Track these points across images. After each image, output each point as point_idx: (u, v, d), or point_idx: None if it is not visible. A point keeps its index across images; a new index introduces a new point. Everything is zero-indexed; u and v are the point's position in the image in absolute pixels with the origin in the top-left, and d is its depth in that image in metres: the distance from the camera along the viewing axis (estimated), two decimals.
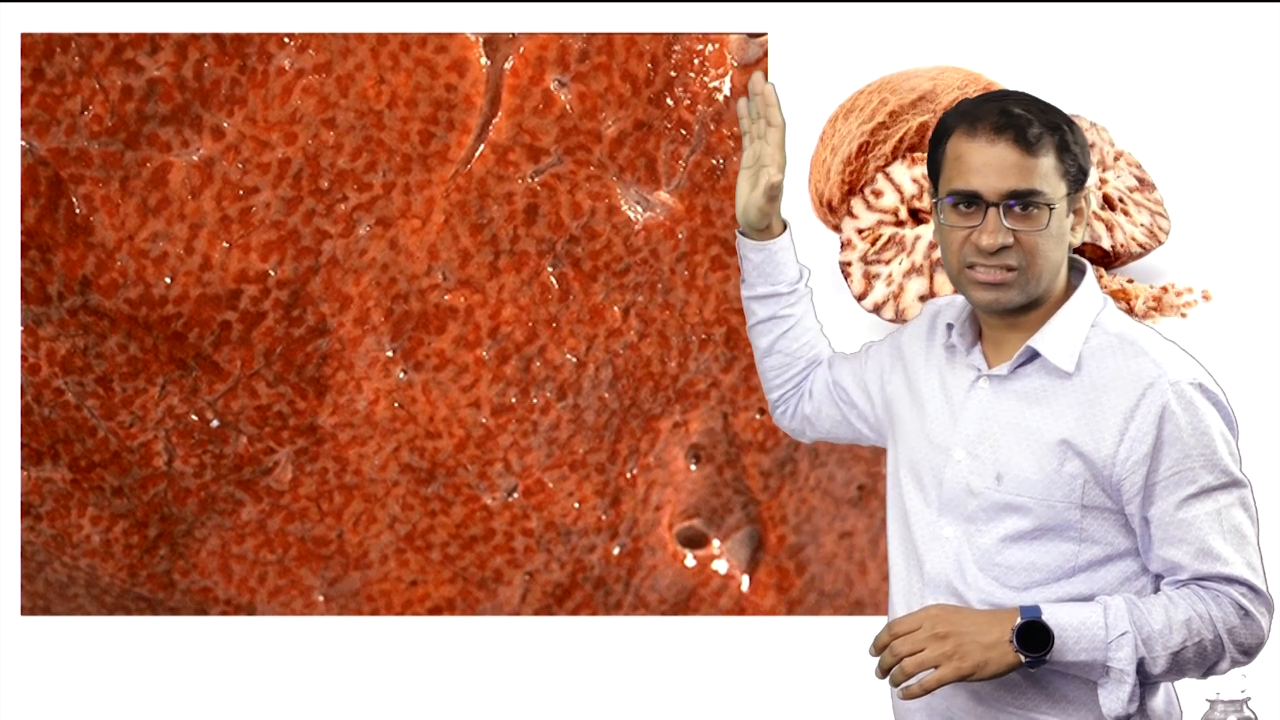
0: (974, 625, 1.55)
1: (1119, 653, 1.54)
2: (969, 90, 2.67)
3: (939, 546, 1.63)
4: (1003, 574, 1.60)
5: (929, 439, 1.65)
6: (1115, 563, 1.60)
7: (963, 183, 1.59)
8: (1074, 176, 1.60)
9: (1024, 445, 1.60)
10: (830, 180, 2.70)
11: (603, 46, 2.10)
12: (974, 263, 1.60)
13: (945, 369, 1.68)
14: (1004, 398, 1.62)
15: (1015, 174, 1.58)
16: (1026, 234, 1.58)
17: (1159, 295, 2.65)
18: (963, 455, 1.62)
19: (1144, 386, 1.57)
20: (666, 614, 2.28)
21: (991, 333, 1.65)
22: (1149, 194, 2.79)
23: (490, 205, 2.12)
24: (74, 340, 2.10)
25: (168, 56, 2.04)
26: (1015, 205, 1.58)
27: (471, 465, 2.18)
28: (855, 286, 2.60)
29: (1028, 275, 1.59)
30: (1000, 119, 1.59)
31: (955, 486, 1.62)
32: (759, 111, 1.77)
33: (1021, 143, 1.58)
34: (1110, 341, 1.61)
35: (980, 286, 1.60)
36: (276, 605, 2.22)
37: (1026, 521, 1.59)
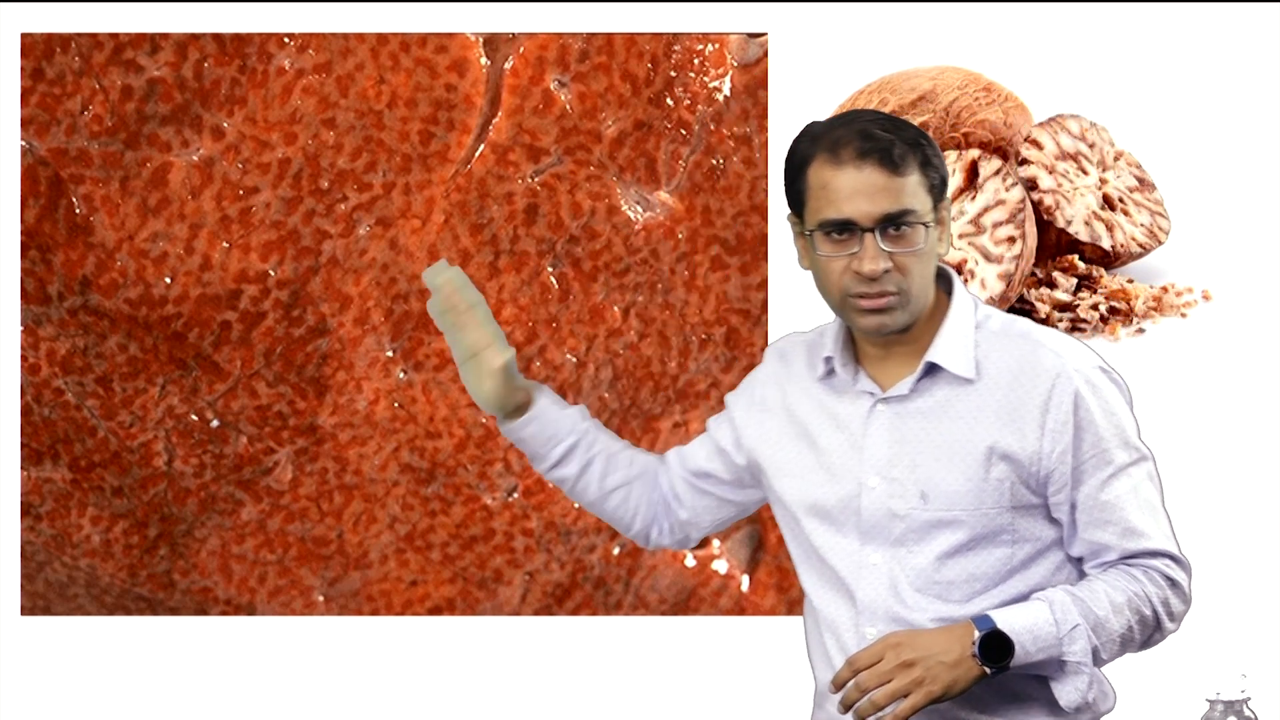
0: (935, 647, 1.55)
1: (1074, 645, 1.55)
2: (969, 90, 2.67)
3: (869, 575, 1.62)
4: (944, 590, 1.59)
5: (831, 473, 1.63)
6: (1045, 556, 1.62)
7: (834, 211, 1.57)
8: (937, 189, 1.60)
9: (945, 460, 1.59)
10: None
11: (603, 46, 2.10)
12: (857, 291, 1.58)
13: (831, 402, 1.66)
14: (909, 417, 1.61)
15: (886, 197, 1.56)
16: (903, 255, 1.57)
17: (1159, 295, 2.65)
18: (877, 481, 1.61)
19: (1052, 377, 1.58)
20: (666, 614, 2.28)
21: (875, 351, 1.64)
22: (1149, 194, 2.79)
23: (490, 205, 2.12)
24: (74, 340, 2.10)
25: (168, 56, 2.04)
26: (890, 228, 1.57)
27: (471, 465, 2.18)
28: None
29: (909, 295, 1.58)
30: (863, 143, 1.57)
31: (876, 513, 1.61)
32: (446, 304, 1.70)
33: (888, 164, 1.56)
34: (999, 340, 1.61)
35: (865, 314, 1.59)
36: (276, 605, 2.22)
37: (960, 534, 1.59)
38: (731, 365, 2.20)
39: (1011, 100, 2.71)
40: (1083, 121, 2.78)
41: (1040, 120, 2.75)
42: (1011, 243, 2.53)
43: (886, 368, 1.63)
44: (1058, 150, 2.71)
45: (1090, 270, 2.66)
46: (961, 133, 2.65)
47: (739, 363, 2.20)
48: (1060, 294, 2.61)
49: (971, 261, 2.53)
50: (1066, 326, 2.58)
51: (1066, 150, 2.72)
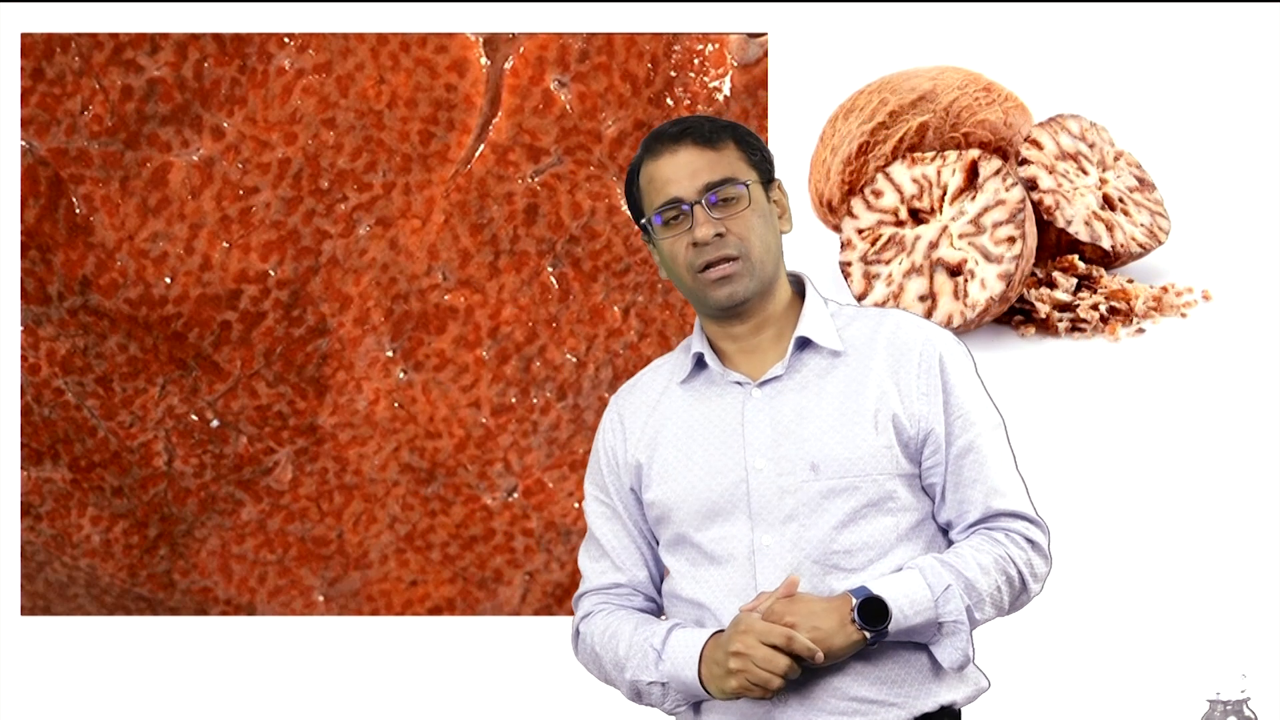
0: (812, 612, 1.59)
1: (948, 606, 1.60)
2: (969, 90, 2.67)
3: (762, 557, 1.64)
4: (841, 558, 1.62)
5: (708, 466, 1.66)
6: (923, 527, 1.66)
7: (661, 196, 1.65)
8: (761, 167, 1.67)
9: (833, 429, 1.64)
10: (830, 180, 2.70)
11: (603, 46, 2.10)
12: (702, 263, 1.64)
13: (700, 403, 1.69)
14: (786, 396, 1.66)
15: (705, 168, 1.64)
16: (733, 219, 1.64)
17: (1159, 295, 2.65)
18: (763, 463, 1.64)
19: (919, 344, 1.66)
20: None
21: (738, 345, 1.68)
22: (1149, 194, 2.79)
23: (490, 205, 2.12)
24: (74, 340, 2.10)
25: (168, 56, 2.04)
26: (714, 197, 1.63)
27: (471, 465, 2.18)
28: (855, 286, 2.60)
29: (750, 260, 1.64)
30: (674, 129, 1.66)
31: (766, 494, 1.64)
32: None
33: (700, 140, 1.65)
34: (855, 319, 1.69)
35: (714, 285, 1.64)
36: (276, 605, 2.22)
37: (853, 501, 1.62)
38: None
39: (1011, 100, 2.71)
40: (1083, 121, 2.78)
41: (1040, 120, 2.75)
42: (1011, 243, 2.53)
43: (753, 358, 1.69)
44: (1058, 150, 2.71)
45: (1090, 270, 2.66)
46: (961, 133, 2.65)
47: None
48: (1060, 294, 2.61)
49: (971, 261, 2.53)
50: (1067, 326, 2.58)
51: (1066, 150, 2.73)
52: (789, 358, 1.66)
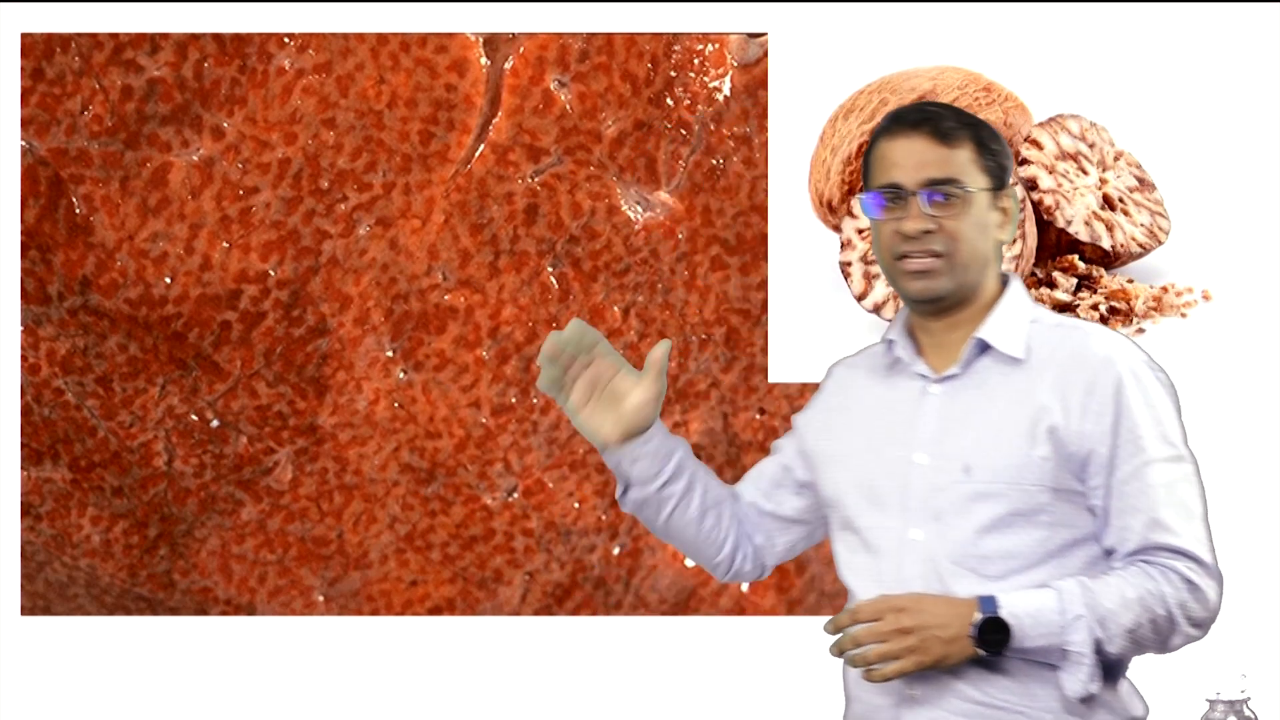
0: (935, 619, 1.59)
1: (1074, 636, 1.58)
2: (969, 90, 2.67)
3: (909, 551, 1.65)
4: (980, 564, 1.62)
5: (879, 453, 1.68)
6: (1082, 547, 1.64)
7: (885, 177, 1.66)
8: (993, 172, 1.67)
9: (991, 434, 1.64)
10: (830, 180, 2.70)
11: (603, 46, 2.10)
12: (903, 252, 1.65)
13: (887, 389, 1.71)
14: (960, 395, 1.66)
15: (933, 164, 1.64)
16: (947, 219, 1.64)
17: (1159, 295, 2.65)
18: (924, 458, 1.65)
19: (1099, 362, 1.63)
20: (666, 614, 2.28)
21: (932, 339, 1.70)
22: (1149, 194, 2.79)
23: (490, 205, 2.12)
24: (74, 340, 2.10)
25: (168, 56, 2.04)
26: (936, 194, 1.64)
27: (471, 465, 2.18)
28: (855, 286, 2.60)
29: (953, 261, 1.65)
30: (917, 115, 1.66)
31: (921, 488, 1.65)
32: (569, 357, 1.71)
33: (937, 134, 1.65)
34: (1052, 329, 1.67)
35: (911, 276, 1.65)
36: (276, 605, 2.22)
37: (999, 508, 1.62)
38: (731, 365, 2.20)
39: (1011, 100, 2.71)
40: (1083, 121, 2.77)
41: (1040, 120, 2.75)
42: (1012, 243, 2.53)
43: (942, 353, 1.69)
44: (1058, 150, 2.71)
45: (1090, 270, 2.66)
46: None
47: (739, 363, 2.20)
48: (1060, 294, 2.61)
49: None
50: None
51: (1066, 150, 2.72)
52: (965, 358, 1.66)
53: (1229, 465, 2.41)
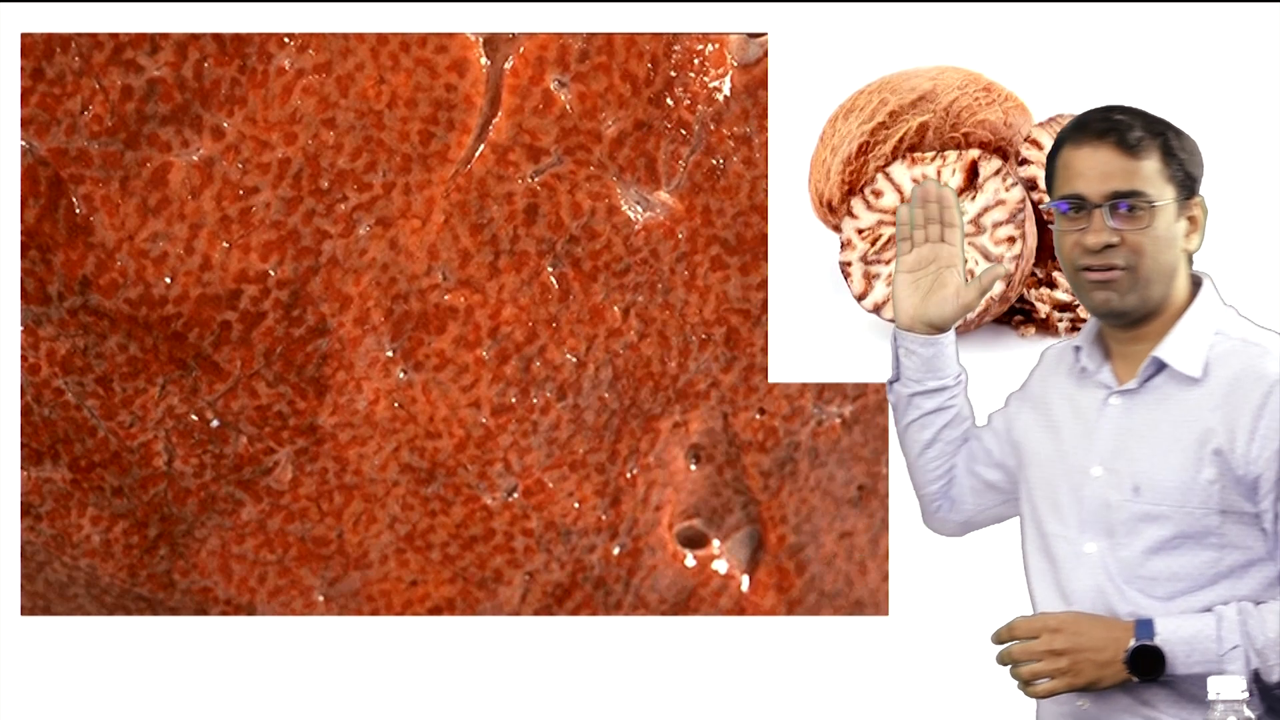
0: (1090, 642, 1.59)
1: (1231, 666, 1.57)
2: (969, 90, 2.67)
3: (1082, 564, 1.65)
4: (1147, 585, 1.62)
5: (1065, 461, 1.68)
6: (1256, 568, 1.62)
7: (1069, 187, 1.64)
8: (1181, 182, 1.65)
9: (1159, 454, 1.62)
10: (830, 180, 2.70)
11: (603, 46, 2.10)
12: (1085, 265, 1.64)
13: (1076, 393, 1.72)
14: (1136, 411, 1.65)
15: (1118, 176, 1.62)
16: (1131, 233, 1.62)
17: None
18: (1100, 471, 1.65)
19: (1270, 384, 1.60)
20: (666, 614, 2.28)
21: (1119, 348, 1.69)
22: None
23: (490, 205, 2.12)
24: (74, 340, 2.10)
25: (168, 56, 2.04)
26: (1120, 206, 1.62)
27: (471, 465, 2.18)
28: (855, 286, 2.60)
29: (1136, 275, 1.63)
30: (1103, 124, 1.65)
31: (1094, 502, 1.65)
32: (934, 215, 1.78)
33: (1123, 145, 1.63)
34: (1235, 346, 1.65)
35: (1093, 288, 1.65)
36: (276, 605, 2.22)
37: (1166, 530, 1.61)
38: (731, 365, 2.21)
39: (1011, 100, 2.71)
40: None
41: (1040, 120, 2.75)
42: (1011, 243, 2.53)
43: (1126, 364, 1.68)
44: None
45: None
46: (961, 133, 2.65)
47: (739, 363, 2.20)
48: (1060, 294, 2.61)
49: (971, 261, 2.53)
50: (1067, 326, 2.58)
51: None
52: (1142, 374, 1.65)
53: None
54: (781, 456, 2.25)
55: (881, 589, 2.32)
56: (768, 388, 2.22)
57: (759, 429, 2.23)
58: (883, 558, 2.32)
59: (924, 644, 2.41)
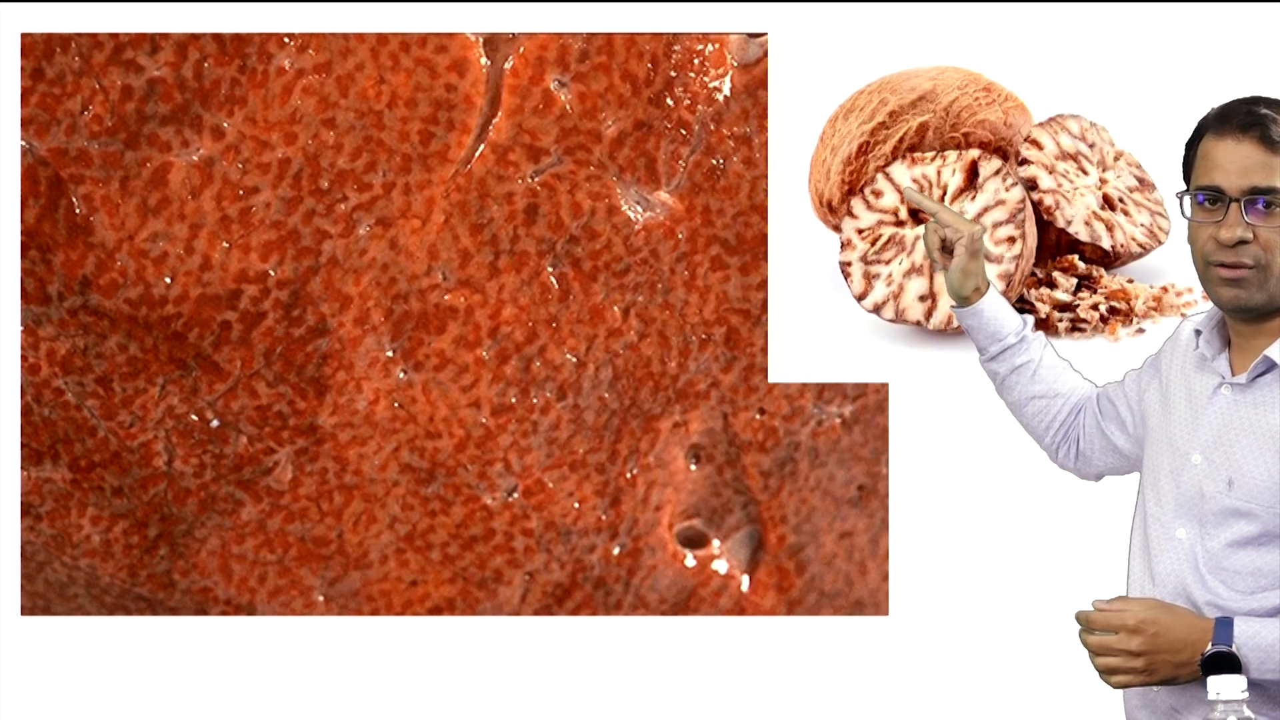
0: (1168, 644, 1.59)
1: None
2: (969, 90, 2.67)
3: (1171, 548, 1.66)
4: (1230, 578, 1.62)
5: (1170, 443, 1.69)
6: None
7: (1208, 179, 1.64)
8: None
9: (1257, 452, 1.63)
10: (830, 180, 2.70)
11: (603, 46, 2.10)
12: (1217, 260, 1.64)
13: (1193, 376, 1.72)
14: (1243, 405, 1.66)
15: (1258, 171, 1.62)
16: (1265, 229, 1.62)
17: (1159, 295, 2.65)
18: (1199, 459, 1.65)
19: None
20: (666, 614, 2.28)
21: (1239, 340, 1.69)
22: (1149, 194, 2.79)
23: (490, 205, 2.12)
24: (74, 340, 2.10)
25: (168, 56, 2.04)
26: (1257, 202, 1.62)
27: (471, 465, 2.18)
28: (855, 286, 2.60)
29: (1267, 273, 1.63)
30: (1247, 118, 1.64)
31: (1190, 489, 1.65)
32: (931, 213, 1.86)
33: (1266, 141, 1.62)
34: None
35: (1222, 284, 1.65)
36: (276, 605, 2.22)
37: (1253, 527, 1.62)
38: (731, 365, 2.21)
39: (1011, 100, 2.71)
40: (1083, 121, 2.78)
41: (1040, 120, 2.75)
42: (1011, 243, 2.53)
43: (1245, 355, 1.68)
44: (1058, 150, 2.71)
45: (1090, 270, 2.66)
46: (961, 133, 2.65)
47: (739, 363, 2.20)
48: (1060, 294, 2.61)
49: None
50: (1067, 326, 2.58)
51: (1066, 150, 2.72)
52: (1253, 371, 1.65)
53: None
54: (781, 456, 2.25)
55: (881, 589, 2.32)
56: (768, 388, 2.22)
57: (759, 429, 2.23)
58: (883, 558, 2.32)
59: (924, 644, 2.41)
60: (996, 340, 1.85)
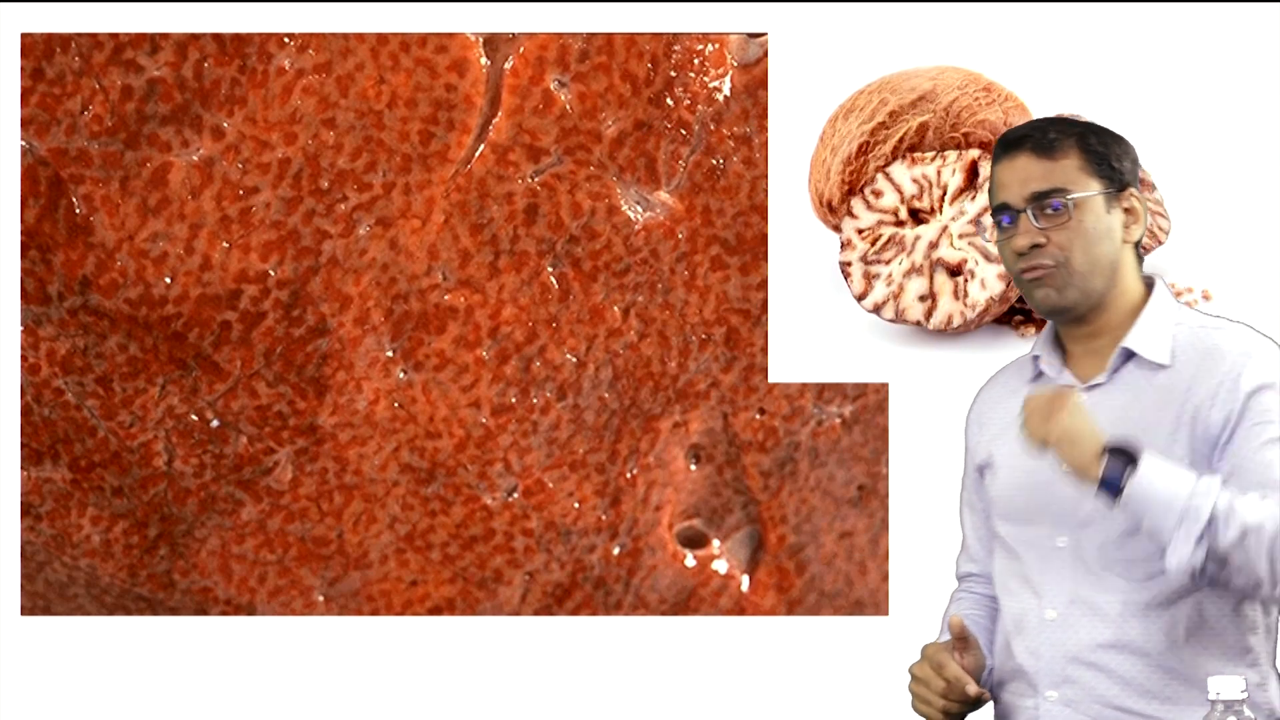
0: (1069, 432, 1.58)
1: (1198, 501, 1.55)
2: (969, 90, 2.67)
3: (1055, 558, 1.66)
4: (1125, 568, 1.63)
5: (1028, 464, 1.69)
6: None
7: (997, 199, 1.69)
8: (1106, 175, 1.68)
9: (1136, 438, 1.62)
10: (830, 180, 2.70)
11: (603, 46, 2.10)
12: (1019, 268, 1.68)
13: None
14: (1106, 403, 1.67)
15: (1036, 178, 1.66)
16: (1055, 230, 1.65)
17: None
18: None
19: (1233, 356, 1.64)
20: (666, 614, 2.28)
21: (1077, 347, 1.72)
22: (1149, 194, 2.79)
23: (490, 205, 2.12)
24: (74, 340, 2.10)
25: (168, 56, 2.04)
26: (1041, 206, 1.66)
27: (471, 465, 2.18)
28: (855, 286, 2.60)
29: (1069, 270, 1.66)
30: (1017, 134, 1.70)
31: (1065, 497, 1.65)
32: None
33: (1037, 149, 1.67)
34: (1195, 332, 1.68)
35: (1032, 286, 1.68)
36: (276, 605, 2.22)
37: None
38: (731, 365, 2.21)
39: (1011, 100, 2.71)
40: None
41: None
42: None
43: (1088, 362, 1.71)
44: None
45: None
46: (961, 133, 2.65)
47: (739, 363, 2.20)
48: None
49: (971, 261, 2.53)
50: None
51: None
52: (1112, 366, 1.67)
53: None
54: (781, 456, 2.25)
55: (881, 589, 2.32)
56: (768, 388, 2.22)
57: (759, 429, 2.23)
58: (883, 558, 2.32)
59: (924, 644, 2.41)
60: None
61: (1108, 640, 1.62)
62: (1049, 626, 1.65)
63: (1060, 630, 1.65)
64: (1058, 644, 1.65)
